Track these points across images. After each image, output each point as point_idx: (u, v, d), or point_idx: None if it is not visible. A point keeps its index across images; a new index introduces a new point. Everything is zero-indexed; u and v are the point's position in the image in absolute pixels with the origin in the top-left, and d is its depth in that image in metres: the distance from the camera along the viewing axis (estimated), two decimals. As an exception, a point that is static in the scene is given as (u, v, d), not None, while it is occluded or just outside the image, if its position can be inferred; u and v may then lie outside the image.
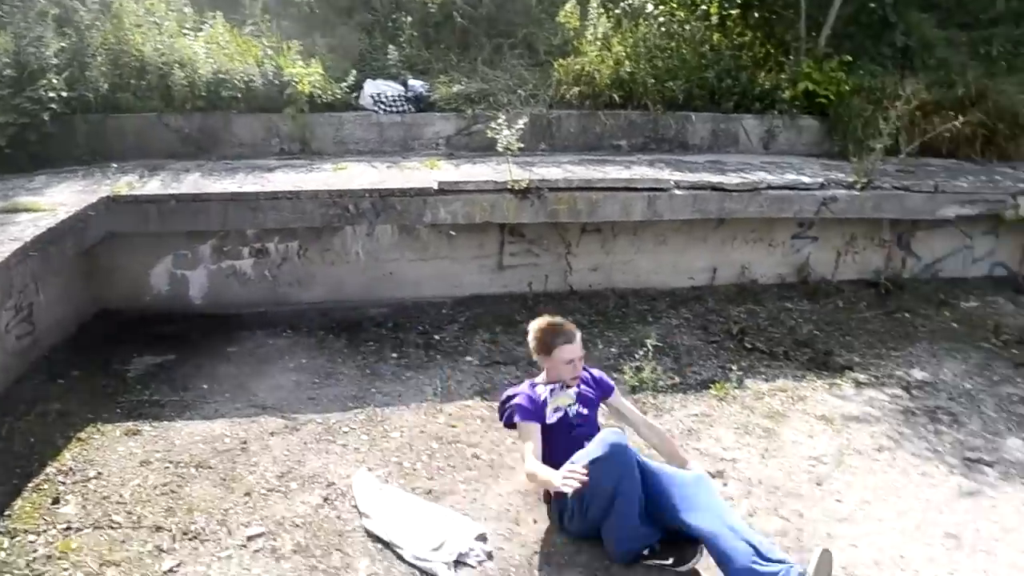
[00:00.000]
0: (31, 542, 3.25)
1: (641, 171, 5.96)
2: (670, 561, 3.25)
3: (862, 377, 5.02)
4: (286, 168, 5.82)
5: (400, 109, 6.50)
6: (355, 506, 3.53)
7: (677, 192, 5.73)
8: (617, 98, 6.68)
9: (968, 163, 7.03)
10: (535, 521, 3.53)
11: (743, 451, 4.16)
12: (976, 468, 4.15)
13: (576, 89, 6.66)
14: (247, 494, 3.61)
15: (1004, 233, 6.59)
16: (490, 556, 3.29)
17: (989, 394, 4.91)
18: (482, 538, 3.36)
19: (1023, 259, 6.68)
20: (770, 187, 5.91)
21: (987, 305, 6.23)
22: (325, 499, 3.60)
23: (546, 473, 3.34)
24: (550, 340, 3.70)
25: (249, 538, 3.32)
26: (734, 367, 5.02)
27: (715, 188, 5.82)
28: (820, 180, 6.08)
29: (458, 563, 3.21)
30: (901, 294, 6.26)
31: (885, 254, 6.45)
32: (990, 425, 4.57)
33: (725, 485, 3.85)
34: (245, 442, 4.02)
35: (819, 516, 3.68)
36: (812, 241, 6.31)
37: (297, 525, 3.41)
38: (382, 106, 6.47)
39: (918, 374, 5.11)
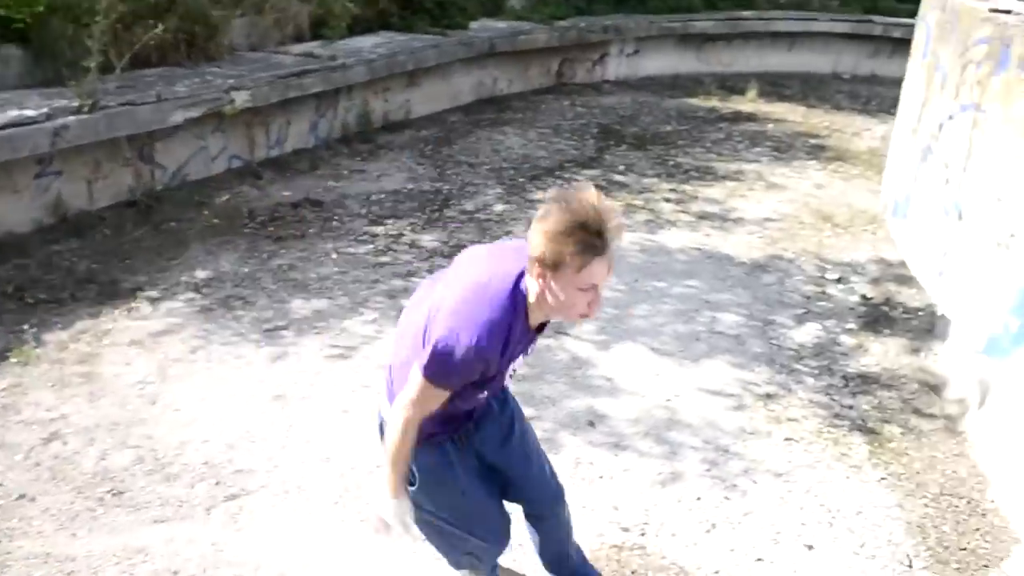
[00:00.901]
0: None
1: None
2: None
3: (154, 293, 5.23)
4: None
5: None
6: None
7: None
8: None
9: (180, 68, 7.43)
10: None
11: (69, 404, 4.09)
12: (276, 335, 4.82)
13: None
14: None
15: (229, 128, 7.22)
16: None
17: (264, 270, 5.61)
18: None
19: (251, 147, 7.50)
20: (-7, 129, 5.48)
21: (236, 196, 6.89)
22: None
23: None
24: (583, 243, 1.98)
25: None
26: (25, 327, 4.75)
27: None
28: (45, 111, 5.81)
29: None
30: (161, 206, 6.50)
31: (133, 172, 6.54)
32: (274, 295, 5.28)
33: (66, 444, 3.79)
34: None
35: (167, 431, 3.92)
36: (58, 176, 6.05)
37: None
38: None
39: (201, 273, 5.53)
